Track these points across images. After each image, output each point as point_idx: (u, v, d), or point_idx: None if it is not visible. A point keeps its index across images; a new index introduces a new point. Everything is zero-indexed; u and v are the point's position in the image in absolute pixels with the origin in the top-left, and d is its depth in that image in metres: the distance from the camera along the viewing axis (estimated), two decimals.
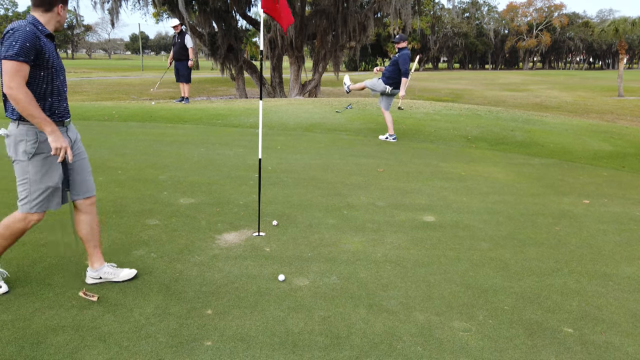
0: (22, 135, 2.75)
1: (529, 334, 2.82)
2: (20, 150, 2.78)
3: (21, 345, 2.52)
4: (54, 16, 2.78)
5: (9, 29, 2.62)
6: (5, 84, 2.59)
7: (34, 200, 2.89)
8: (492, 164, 7.14)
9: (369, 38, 23.50)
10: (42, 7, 2.74)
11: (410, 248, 3.99)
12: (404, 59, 7.93)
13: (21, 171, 2.84)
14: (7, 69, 2.58)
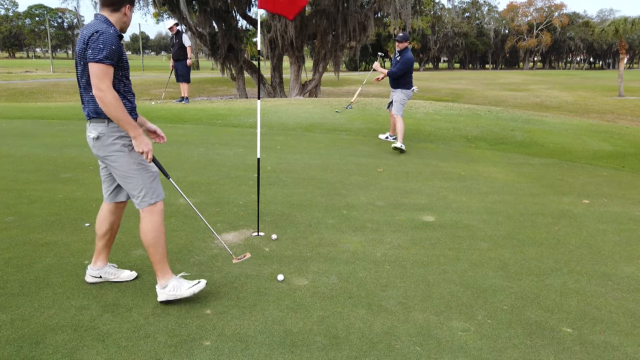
0: (116, 131, 2.78)
1: (528, 334, 2.81)
2: (118, 145, 2.79)
3: (20, 345, 2.52)
4: (121, 17, 2.82)
5: (93, 32, 2.64)
6: (95, 87, 2.63)
7: (150, 188, 2.89)
8: (492, 164, 7.13)
9: (369, 38, 23.50)
10: (111, 7, 2.78)
11: (410, 248, 3.99)
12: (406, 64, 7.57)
13: (126, 165, 2.82)
14: (96, 72, 2.61)
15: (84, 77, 2.76)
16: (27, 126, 8.88)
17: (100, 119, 2.76)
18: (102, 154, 2.83)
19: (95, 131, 2.77)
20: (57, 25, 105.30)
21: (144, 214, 2.92)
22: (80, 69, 2.78)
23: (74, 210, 4.54)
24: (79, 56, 2.74)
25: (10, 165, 6.02)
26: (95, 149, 2.83)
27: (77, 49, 2.75)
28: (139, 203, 2.90)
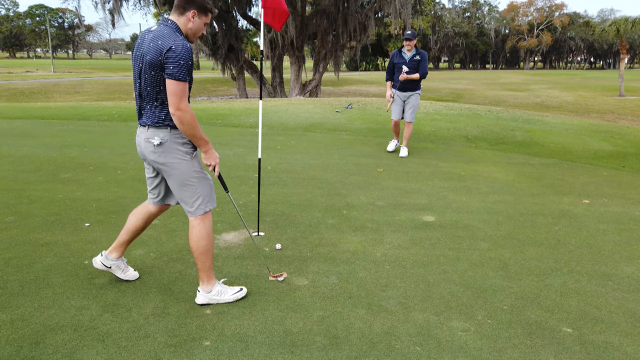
0: (179, 138, 2.74)
1: (528, 334, 2.81)
2: (181, 152, 2.75)
3: (20, 345, 2.52)
4: (185, 22, 2.72)
5: (171, 45, 2.56)
6: (174, 105, 2.60)
7: (206, 195, 2.87)
8: (492, 164, 7.13)
9: (370, 38, 23.53)
10: (177, 10, 2.73)
11: (410, 248, 3.98)
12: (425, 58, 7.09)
13: (186, 173, 2.78)
14: (175, 90, 2.58)
15: (152, 86, 2.66)
16: (28, 126, 8.88)
17: (164, 126, 2.71)
18: (163, 160, 2.75)
19: (158, 138, 2.71)
20: (58, 25, 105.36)
21: (196, 222, 2.88)
22: (147, 77, 2.66)
23: (74, 210, 4.55)
24: (148, 65, 2.62)
25: (10, 165, 6.03)
26: (156, 155, 2.75)
27: (149, 58, 2.61)
28: (194, 211, 2.85)
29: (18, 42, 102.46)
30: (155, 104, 2.70)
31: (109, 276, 3.30)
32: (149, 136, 2.74)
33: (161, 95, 2.69)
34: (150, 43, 2.63)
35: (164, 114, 2.71)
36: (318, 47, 23.26)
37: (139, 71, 2.71)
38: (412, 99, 7.29)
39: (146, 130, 2.75)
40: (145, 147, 2.78)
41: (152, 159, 2.77)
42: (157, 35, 2.64)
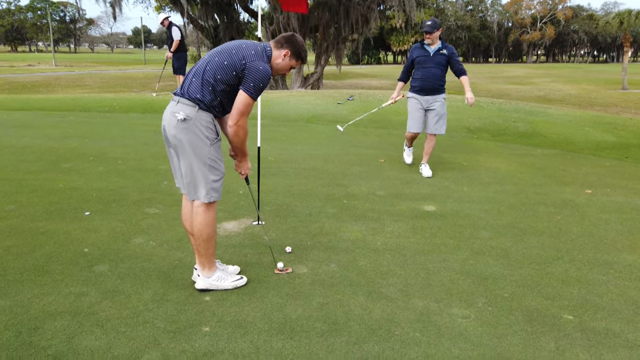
0: (205, 120, 2.74)
1: (529, 321, 2.80)
2: (203, 135, 2.74)
3: (19, 331, 2.52)
4: (278, 55, 2.87)
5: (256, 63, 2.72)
6: (235, 118, 2.72)
7: (216, 186, 2.86)
8: (494, 155, 7.10)
9: (372, 31, 23.41)
10: (277, 43, 2.88)
11: (410, 237, 3.97)
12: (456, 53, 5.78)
13: (202, 155, 2.76)
14: (244, 103, 2.70)
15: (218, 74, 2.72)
16: (28, 117, 8.88)
17: (192, 104, 2.71)
18: (182, 137, 2.72)
19: (183, 112, 2.70)
20: (59, 19, 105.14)
21: (201, 209, 2.87)
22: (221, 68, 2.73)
23: (74, 199, 4.54)
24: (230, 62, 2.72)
25: (11, 155, 6.02)
26: (177, 130, 2.72)
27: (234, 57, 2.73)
28: (202, 197, 2.84)
29: (20, 36, 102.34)
30: (209, 88, 2.73)
31: (108, 264, 3.30)
32: (176, 110, 2.73)
33: (219, 87, 2.74)
34: (242, 45, 2.78)
35: (205, 97, 2.72)
36: (320, 40, 23.15)
37: (214, 58, 2.77)
38: (438, 105, 5.71)
39: (175, 104, 2.75)
40: (169, 120, 2.76)
41: (172, 133, 2.74)
42: (250, 46, 2.79)
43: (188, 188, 2.87)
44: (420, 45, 5.76)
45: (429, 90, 5.71)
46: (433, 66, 5.65)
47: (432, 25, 5.58)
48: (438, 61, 5.65)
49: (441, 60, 5.66)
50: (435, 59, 5.65)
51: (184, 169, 2.83)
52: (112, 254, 3.46)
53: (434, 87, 5.71)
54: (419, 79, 5.72)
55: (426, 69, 5.67)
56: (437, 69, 5.66)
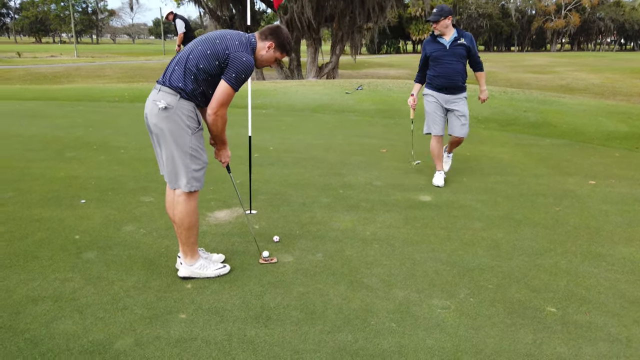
0: (186, 109, 2.74)
1: (509, 313, 2.75)
2: (184, 124, 2.74)
3: (0, 315, 2.58)
4: (262, 47, 2.86)
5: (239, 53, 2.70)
6: (214, 108, 2.71)
7: (197, 176, 2.87)
8: (500, 145, 6.98)
9: (387, 19, 23.13)
10: (262, 34, 2.86)
11: (401, 227, 3.93)
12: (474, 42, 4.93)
13: (183, 145, 2.77)
14: (223, 94, 2.70)
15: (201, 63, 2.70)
16: (40, 107, 9.05)
17: (174, 92, 2.71)
18: (163, 125, 2.73)
19: (165, 101, 2.70)
20: (82, 11, 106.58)
21: (182, 198, 2.87)
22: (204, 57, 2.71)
23: (73, 187, 4.62)
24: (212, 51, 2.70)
25: (18, 144, 6.15)
26: (158, 118, 2.73)
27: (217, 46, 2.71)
28: (183, 186, 2.85)
29: (43, 27, 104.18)
30: (191, 77, 2.72)
31: (97, 251, 3.35)
32: (157, 98, 2.73)
33: (201, 77, 2.73)
34: (227, 35, 2.77)
35: (187, 86, 2.72)
36: (335, 29, 22.98)
37: (197, 46, 2.76)
38: (461, 104, 4.92)
39: (157, 93, 2.75)
40: (150, 109, 2.76)
41: (154, 122, 2.75)
42: (234, 36, 2.77)
43: (170, 176, 2.88)
44: (432, 38, 4.87)
45: (450, 88, 4.86)
46: (452, 60, 4.77)
47: (438, 13, 4.70)
48: (457, 53, 4.77)
49: (460, 51, 4.77)
50: (453, 51, 4.77)
51: (165, 158, 2.84)
52: (101, 241, 3.51)
53: (456, 84, 4.84)
54: (438, 76, 4.85)
55: (444, 64, 4.79)
56: (457, 63, 4.78)
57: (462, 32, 4.83)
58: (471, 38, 4.85)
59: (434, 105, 4.99)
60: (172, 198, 2.96)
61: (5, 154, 5.69)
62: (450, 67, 4.80)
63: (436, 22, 4.73)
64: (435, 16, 4.72)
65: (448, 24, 4.76)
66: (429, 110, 5.04)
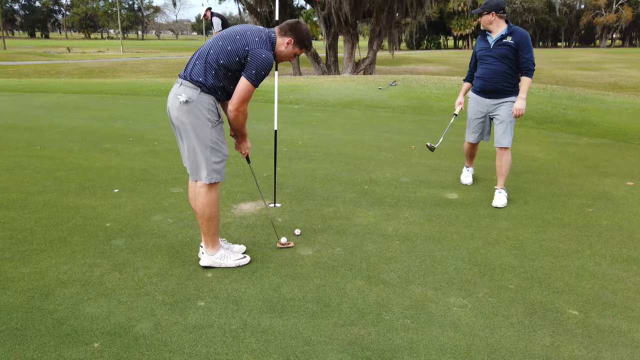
0: (207, 103, 2.81)
1: (528, 314, 2.70)
2: (205, 117, 2.82)
3: (31, 296, 2.73)
4: (281, 43, 2.90)
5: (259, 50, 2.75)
6: (237, 103, 2.80)
7: (218, 168, 2.95)
8: (535, 143, 6.78)
9: (426, 14, 22.78)
10: (281, 30, 2.89)
11: (424, 224, 3.90)
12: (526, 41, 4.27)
13: (204, 137, 2.85)
14: (245, 89, 2.77)
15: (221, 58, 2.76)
16: (83, 100, 9.43)
17: (194, 86, 2.78)
18: (184, 119, 2.80)
19: (185, 95, 2.77)
20: (128, 7, 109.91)
21: (203, 189, 2.95)
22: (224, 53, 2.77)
23: (108, 177, 4.81)
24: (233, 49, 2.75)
25: (58, 135, 6.45)
26: (180, 112, 2.80)
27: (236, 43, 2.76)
28: (204, 178, 2.93)
29: (92, 23, 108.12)
30: (212, 72, 2.78)
31: (125, 238, 3.49)
32: (178, 92, 2.80)
33: (221, 72, 2.79)
34: (247, 31, 2.81)
35: (207, 80, 2.79)
36: (373, 25, 22.82)
37: (218, 42, 2.81)
38: (503, 109, 4.41)
39: (178, 87, 2.82)
40: (172, 102, 2.83)
41: (175, 115, 2.83)
42: (255, 32, 2.81)
43: (191, 168, 2.97)
44: (482, 35, 4.46)
45: (489, 92, 4.43)
46: (493, 61, 4.33)
47: (481, 7, 4.31)
48: (499, 54, 4.28)
49: (504, 52, 4.26)
50: (496, 52, 4.30)
51: (186, 150, 2.93)
52: (130, 229, 3.65)
53: (495, 87, 4.38)
54: (479, 78, 4.50)
55: (485, 65, 4.40)
56: (498, 64, 4.31)
57: (515, 29, 4.29)
58: (524, 36, 4.25)
59: (472, 110, 4.66)
60: (194, 189, 3.05)
61: (47, 145, 5.98)
62: (489, 69, 4.38)
63: (479, 16, 4.35)
64: (477, 9, 4.36)
65: (492, 19, 4.28)
66: (468, 115, 4.73)
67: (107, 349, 2.30)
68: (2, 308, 2.59)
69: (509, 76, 4.34)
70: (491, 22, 4.30)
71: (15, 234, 3.49)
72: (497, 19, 4.28)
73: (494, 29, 4.33)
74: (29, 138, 6.32)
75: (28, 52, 39.25)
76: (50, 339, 2.35)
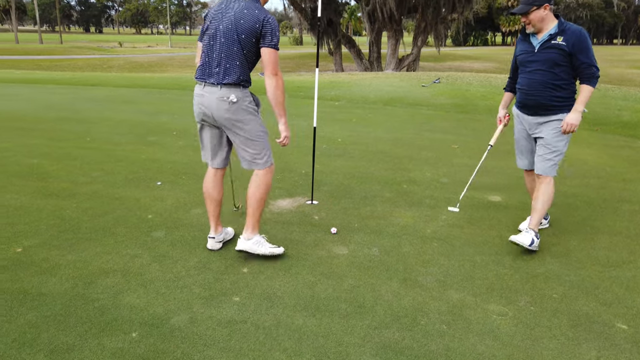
0: (248, 96, 2.97)
1: (572, 326, 2.57)
2: (252, 109, 2.98)
3: (76, 283, 2.83)
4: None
5: (267, 18, 2.82)
6: (272, 71, 2.87)
7: (270, 151, 3.12)
8: (585, 146, 6.48)
9: (474, 9, 22.23)
10: None
11: (465, 226, 3.80)
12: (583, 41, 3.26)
13: (257, 127, 3.01)
14: (274, 58, 2.88)
15: (239, 47, 2.85)
16: (131, 94, 9.74)
17: (236, 85, 2.88)
18: (237, 116, 2.92)
19: (235, 95, 2.87)
20: (177, 3, 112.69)
21: (262, 172, 3.09)
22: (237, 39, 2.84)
23: (151, 170, 4.94)
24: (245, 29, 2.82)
25: (107, 127, 6.68)
26: (230, 112, 2.90)
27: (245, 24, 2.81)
28: (263, 163, 3.06)
29: (143, 19, 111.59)
30: (237, 63, 2.87)
31: (165, 230, 3.56)
32: (222, 94, 2.87)
33: (243, 58, 2.88)
34: (244, 10, 2.84)
35: (243, 74, 2.90)
36: (418, 20, 22.47)
37: (224, 31, 2.86)
38: (547, 130, 3.43)
39: (218, 90, 2.88)
40: (218, 106, 2.89)
41: (226, 116, 2.90)
42: (249, 5, 2.85)
43: (247, 162, 3.08)
44: (523, 35, 3.50)
45: (532, 108, 3.46)
46: (537, 68, 3.36)
47: (525, 2, 3.30)
48: (547, 59, 3.31)
49: (553, 56, 3.28)
50: (542, 56, 3.33)
51: (241, 145, 3.03)
52: (171, 221, 3.73)
53: (538, 102, 3.40)
54: (520, 88, 3.54)
55: (526, 72, 3.45)
56: (543, 73, 3.33)
57: (567, 26, 3.30)
58: (579, 35, 3.25)
59: (518, 129, 3.69)
60: (213, 179, 3.22)
61: (96, 137, 6.20)
62: (532, 78, 3.41)
63: (525, 14, 3.30)
64: (522, 7, 3.31)
65: (544, 15, 3.27)
66: (515, 135, 3.73)
67: (144, 339, 2.35)
68: (49, 294, 2.69)
69: (558, 88, 3.34)
70: (543, 18, 3.28)
71: (64, 222, 3.64)
72: (549, 13, 3.31)
73: (544, 27, 3.33)
74: (80, 130, 6.57)
75: (82, 47, 40.96)
76: (92, 327, 2.43)
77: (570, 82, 3.36)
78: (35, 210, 3.84)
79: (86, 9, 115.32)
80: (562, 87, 3.35)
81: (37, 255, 3.12)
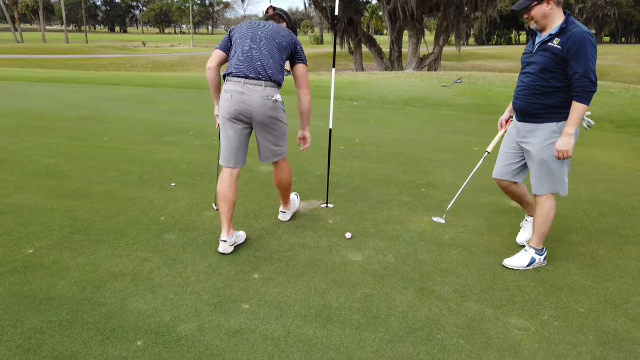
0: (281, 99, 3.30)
1: (600, 343, 2.42)
2: (283, 110, 3.29)
3: (84, 287, 2.78)
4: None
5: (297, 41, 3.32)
6: (305, 87, 3.38)
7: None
8: (614, 149, 6.23)
9: (498, 8, 21.80)
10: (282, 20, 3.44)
11: (485, 234, 3.65)
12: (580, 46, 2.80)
13: (284, 130, 3.34)
14: (305, 72, 3.36)
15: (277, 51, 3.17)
16: (151, 93, 9.77)
17: (276, 86, 3.17)
18: (277, 115, 3.21)
19: (279, 96, 3.17)
20: (200, 3, 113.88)
21: (284, 163, 3.48)
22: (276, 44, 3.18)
23: (166, 171, 4.90)
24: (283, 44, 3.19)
25: (125, 127, 6.69)
26: (273, 110, 3.16)
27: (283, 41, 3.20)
28: (284, 153, 3.43)
29: (167, 18, 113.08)
30: (278, 67, 3.16)
31: (177, 233, 3.51)
32: (268, 94, 3.11)
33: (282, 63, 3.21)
34: (282, 32, 3.23)
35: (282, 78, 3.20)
36: (440, 19, 22.15)
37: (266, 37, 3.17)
38: (534, 143, 3.09)
39: (263, 89, 3.09)
40: (262, 104, 3.10)
41: (268, 114, 3.14)
42: (284, 29, 3.29)
43: (275, 156, 3.37)
44: (532, 35, 3.14)
45: (518, 112, 3.19)
46: (529, 71, 3.06)
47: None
48: (538, 62, 2.98)
49: (544, 60, 2.95)
50: (536, 59, 3.01)
51: (274, 142, 3.30)
52: (183, 224, 3.68)
53: (523, 108, 3.11)
54: (515, 92, 3.25)
55: (522, 75, 3.17)
56: (533, 77, 3.02)
57: (571, 27, 2.88)
58: (579, 39, 2.81)
59: (507, 136, 3.39)
60: (230, 180, 3.29)
61: (114, 136, 6.21)
62: (522, 81, 3.14)
63: (525, 11, 3.00)
64: (523, 0, 2.97)
65: (547, 11, 2.91)
66: (502, 145, 3.43)
67: (149, 349, 2.29)
68: (56, 298, 2.65)
69: (547, 95, 2.99)
70: (546, 15, 2.92)
71: (77, 223, 3.61)
72: (555, 9, 2.91)
73: (549, 24, 2.95)
74: (98, 129, 6.60)
75: (107, 47, 41.60)
76: (97, 334, 2.37)
77: (562, 91, 2.95)
78: (49, 210, 3.83)
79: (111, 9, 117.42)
80: (551, 95, 2.99)
81: (47, 257, 3.09)
